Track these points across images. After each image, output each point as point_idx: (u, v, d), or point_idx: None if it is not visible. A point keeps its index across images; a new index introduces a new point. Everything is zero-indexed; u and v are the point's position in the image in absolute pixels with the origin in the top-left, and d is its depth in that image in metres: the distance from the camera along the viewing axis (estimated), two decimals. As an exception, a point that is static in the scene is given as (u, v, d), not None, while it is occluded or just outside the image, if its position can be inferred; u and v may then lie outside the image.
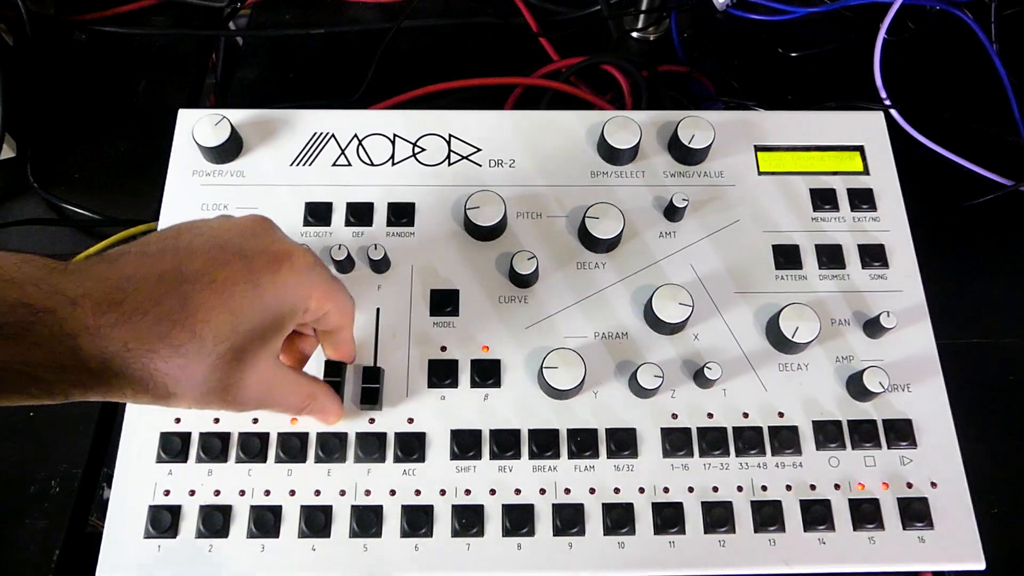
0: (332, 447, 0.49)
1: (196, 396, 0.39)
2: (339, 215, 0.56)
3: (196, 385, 0.38)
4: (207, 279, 0.38)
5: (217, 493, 0.49)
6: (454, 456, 0.50)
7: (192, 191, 0.56)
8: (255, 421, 0.50)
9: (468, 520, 0.48)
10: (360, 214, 0.56)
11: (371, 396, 0.50)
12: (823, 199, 0.57)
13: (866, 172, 0.59)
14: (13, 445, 0.55)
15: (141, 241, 0.39)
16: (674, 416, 0.51)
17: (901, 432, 0.51)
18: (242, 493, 0.49)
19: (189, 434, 0.50)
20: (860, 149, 0.60)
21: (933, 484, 0.50)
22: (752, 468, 0.50)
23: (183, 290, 0.37)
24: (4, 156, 0.67)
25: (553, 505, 0.49)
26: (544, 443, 0.50)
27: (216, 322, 0.38)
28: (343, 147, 0.59)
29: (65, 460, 0.55)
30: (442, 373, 0.52)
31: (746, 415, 0.51)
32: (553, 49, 0.75)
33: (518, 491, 0.49)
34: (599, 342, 0.53)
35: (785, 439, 0.50)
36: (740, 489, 0.49)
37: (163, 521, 0.47)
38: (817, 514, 0.49)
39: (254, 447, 0.49)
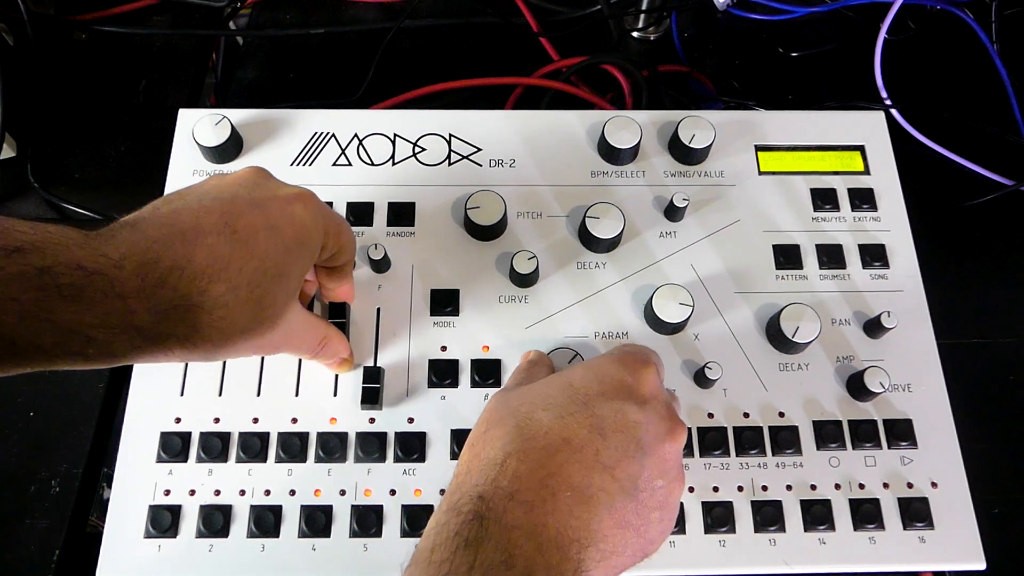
0: (332, 447, 0.49)
1: (238, 344, 0.40)
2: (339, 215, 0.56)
3: (238, 333, 0.39)
4: (228, 231, 0.39)
5: (217, 493, 0.49)
6: (455, 456, 0.50)
7: (192, 191, 0.56)
8: (255, 421, 0.50)
9: (468, 520, 0.48)
10: (360, 214, 0.56)
11: (372, 396, 0.50)
12: (824, 199, 0.57)
13: (867, 172, 0.59)
14: (13, 445, 0.55)
15: (148, 208, 0.40)
16: (674, 416, 0.51)
17: (901, 432, 0.51)
18: (242, 493, 0.49)
19: (189, 434, 0.50)
20: (861, 149, 0.60)
21: (933, 484, 0.50)
22: (752, 468, 0.50)
23: (208, 243, 0.38)
24: (4, 156, 0.67)
25: (553, 505, 0.49)
26: (544, 443, 0.50)
27: (248, 271, 0.39)
28: (343, 147, 0.59)
29: (65, 460, 0.55)
30: (443, 373, 0.52)
31: (746, 415, 0.51)
32: (553, 49, 0.75)
33: (518, 491, 0.49)
34: (599, 342, 0.53)
35: (785, 439, 0.50)
36: (740, 489, 0.49)
37: (163, 521, 0.47)
38: (817, 514, 0.49)
39: (254, 447, 0.49)
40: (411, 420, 0.51)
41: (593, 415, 0.39)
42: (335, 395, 0.51)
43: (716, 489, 0.49)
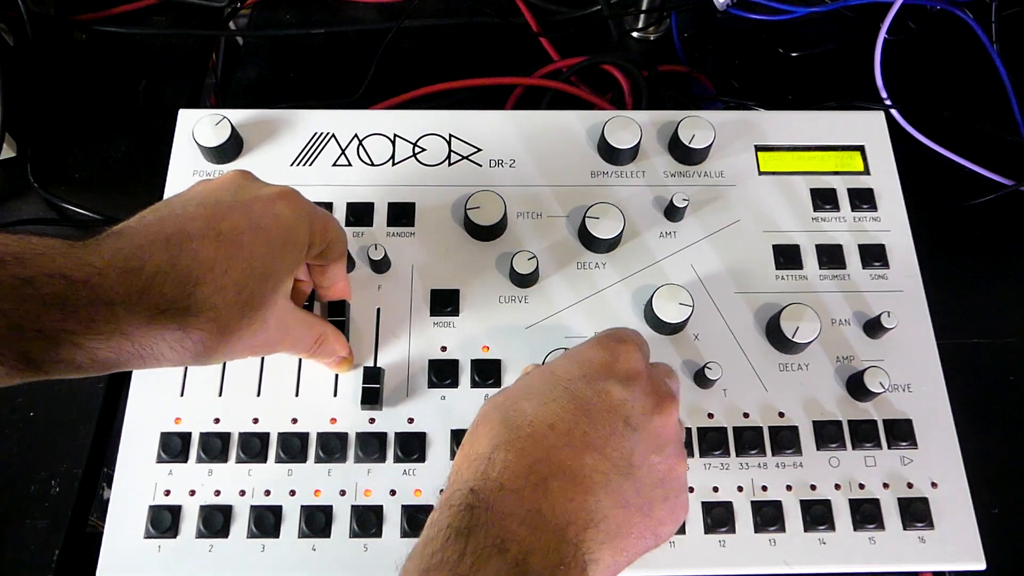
0: (332, 447, 0.49)
1: (230, 346, 0.40)
2: (339, 215, 0.56)
3: (228, 334, 0.39)
4: (213, 233, 0.39)
5: (217, 493, 0.49)
6: (455, 456, 0.49)
7: (192, 191, 0.56)
8: (255, 421, 0.50)
9: (468, 520, 0.48)
10: (360, 214, 0.56)
11: (371, 396, 0.50)
12: (823, 199, 0.57)
13: (866, 172, 0.59)
14: (13, 445, 0.55)
15: (136, 217, 0.40)
16: (674, 416, 0.51)
17: (901, 432, 0.51)
18: (242, 493, 0.49)
19: (189, 434, 0.50)
20: (860, 149, 0.60)
21: (933, 484, 0.50)
22: (752, 468, 0.50)
23: (193, 248, 0.38)
24: (4, 156, 0.67)
25: (553, 505, 0.48)
26: (544, 443, 0.50)
27: (234, 272, 0.39)
28: (343, 147, 0.59)
29: (65, 460, 0.55)
30: (442, 373, 0.52)
31: (746, 415, 0.51)
32: (553, 49, 0.75)
33: (518, 491, 0.49)
34: (599, 342, 0.53)
35: (785, 439, 0.50)
36: (740, 489, 0.49)
37: (163, 521, 0.47)
38: (817, 514, 0.49)
39: (254, 447, 0.49)
40: (411, 420, 0.51)
41: (576, 398, 0.39)
42: (335, 395, 0.51)
43: (716, 489, 0.49)
